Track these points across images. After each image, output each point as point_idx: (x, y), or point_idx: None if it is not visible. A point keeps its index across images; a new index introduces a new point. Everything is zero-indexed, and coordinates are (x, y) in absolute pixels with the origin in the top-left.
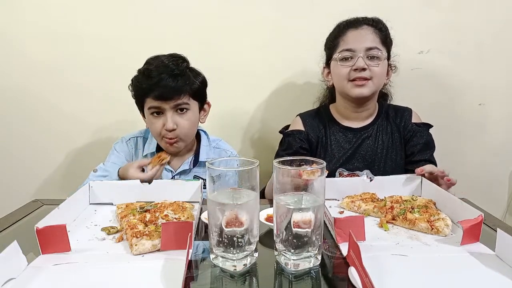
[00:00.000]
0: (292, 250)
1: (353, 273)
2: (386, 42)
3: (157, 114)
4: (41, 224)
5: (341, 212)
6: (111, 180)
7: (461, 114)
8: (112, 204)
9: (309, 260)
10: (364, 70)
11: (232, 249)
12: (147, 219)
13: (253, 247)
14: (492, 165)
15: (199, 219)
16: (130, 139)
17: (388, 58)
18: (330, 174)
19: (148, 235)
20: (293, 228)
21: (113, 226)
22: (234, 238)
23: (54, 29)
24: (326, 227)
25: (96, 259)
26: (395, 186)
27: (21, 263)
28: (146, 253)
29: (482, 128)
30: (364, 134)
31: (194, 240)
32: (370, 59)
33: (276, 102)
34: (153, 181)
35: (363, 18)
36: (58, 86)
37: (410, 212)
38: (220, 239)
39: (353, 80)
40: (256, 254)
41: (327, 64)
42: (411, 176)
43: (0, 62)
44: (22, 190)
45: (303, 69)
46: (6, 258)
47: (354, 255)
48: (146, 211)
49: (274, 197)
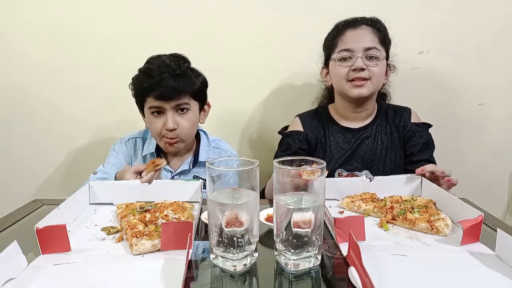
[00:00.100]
0: (292, 250)
1: (353, 273)
2: (385, 42)
3: (157, 113)
4: (41, 224)
5: (341, 212)
6: None
7: (461, 114)
8: (112, 204)
9: (309, 260)
10: (362, 70)
11: (232, 249)
12: (147, 219)
13: (253, 247)
14: (492, 165)
15: (199, 219)
16: (129, 140)
17: (386, 58)
18: (329, 175)
19: (148, 235)
20: (293, 228)
21: (113, 226)
22: (234, 238)
23: (54, 29)
24: (326, 227)
25: (96, 259)
26: (395, 186)
27: (21, 263)
28: (146, 253)
29: (482, 128)
30: (363, 134)
31: (194, 240)
32: (368, 59)
33: (276, 102)
34: (153, 181)
35: (362, 18)
36: (58, 86)
37: (410, 212)
38: (220, 239)
39: (352, 80)
40: (256, 254)
41: (326, 64)
42: (411, 176)
43: (0, 62)
44: (22, 190)
45: (303, 69)
46: (6, 258)
47: (354, 255)
48: (146, 211)
49: (274, 197)
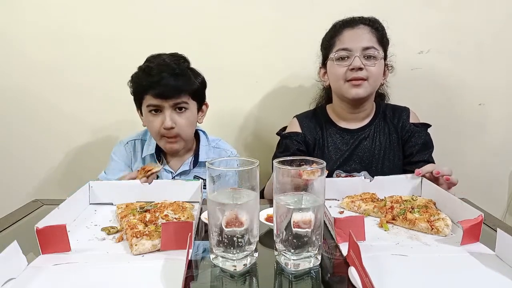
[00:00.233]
0: (292, 250)
1: (353, 273)
2: (383, 41)
3: (155, 112)
4: (41, 224)
5: (341, 212)
6: None
7: (461, 114)
8: (112, 204)
9: (309, 260)
10: (360, 69)
11: (232, 249)
12: (147, 219)
13: (253, 247)
14: (492, 165)
15: (199, 219)
16: (128, 143)
17: (384, 58)
18: (327, 176)
19: (148, 235)
20: (293, 228)
21: (113, 226)
22: (234, 238)
23: (54, 29)
24: (326, 227)
25: (96, 259)
26: (395, 186)
27: (21, 263)
28: (146, 253)
29: (482, 128)
30: (361, 135)
31: (194, 240)
32: (366, 59)
33: (276, 102)
34: (153, 181)
35: (360, 17)
36: (58, 86)
37: (410, 212)
38: (220, 239)
39: (350, 80)
40: (256, 254)
41: (323, 64)
42: (411, 176)
43: (0, 62)
44: (22, 190)
45: (303, 69)
46: (6, 258)
47: (354, 255)
48: (146, 211)
49: (274, 197)
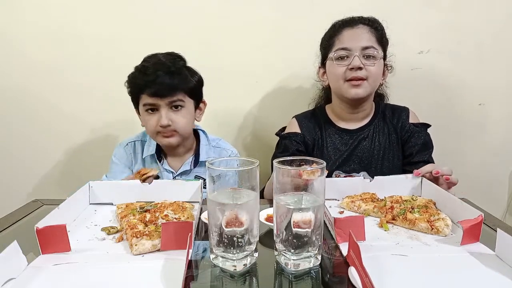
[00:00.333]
0: (292, 250)
1: (353, 273)
2: (382, 41)
3: (151, 111)
4: (41, 224)
5: (341, 212)
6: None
7: (461, 114)
8: (112, 204)
9: (309, 260)
10: (360, 69)
11: (232, 249)
12: (147, 219)
13: (253, 247)
14: (492, 165)
15: (199, 219)
16: (127, 144)
17: (384, 58)
18: (326, 177)
19: (148, 235)
20: (293, 228)
21: (113, 226)
22: (234, 238)
23: (54, 29)
24: (326, 227)
25: (96, 259)
26: (395, 186)
27: (21, 263)
28: (146, 253)
29: (482, 128)
30: (360, 135)
31: (194, 240)
32: (366, 58)
33: (276, 102)
34: (153, 181)
35: (359, 17)
36: (58, 86)
37: (410, 212)
38: (220, 239)
39: (349, 80)
40: (256, 254)
41: (323, 64)
42: (411, 176)
43: (0, 62)
44: (22, 190)
45: (303, 69)
46: (6, 258)
47: (354, 255)
48: (146, 211)
49: (274, 197)
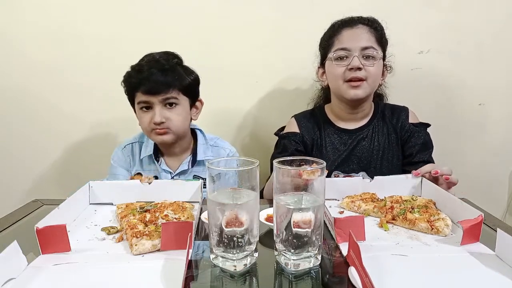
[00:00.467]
0: (292, 250)
1: (353, 273)
2: (382, 41)
3: (146, 109)
4: (41, 224)
5: (341, 212)
6: None
7: (461, 114)
8: (112, 204)
9: (309, 260)
10: (359, 69)
11: (232, 249)
12: (147, 219)
13: (253, 247)
14: (492, 165)
15: (199, 219)
16: (125, 147)
17: (383, 58)
18: (326, 177)
19: (148, 235)
20: (293, 228)
21: (113, 226)
22: (234, 238)
23: (54, 29)
24: (326, 227)
25: (96, 259)
26: (395, 186)
27: (21, 263)
28: (146, 253)
29: (482, 128)
30: (359, 135)
31: (194, 240)
32: (365, 59)
33: (276, 102)
34: (153, 181)
35: (358, 17)
36: (58, 86)
37: (410, 212)
38: (220, 239)
39: (348, 80)
40: (256, 254)
41: (322, 64)
42: (411, 176)
43: (0, 62)
44: (22, 190)
45: (303, 69)
46: (6, 258)
47: (354, 255)
48: (146, 211)
49: (274, 197)
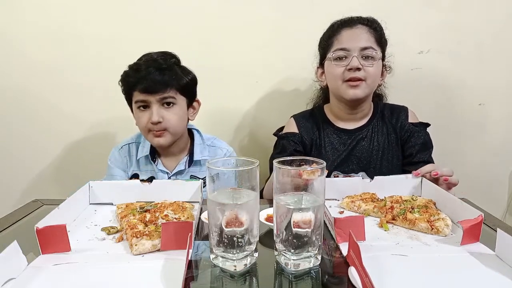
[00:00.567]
0: (292, 250)
1: (353, 273)
2: (381, 42)
3: (143, 108)
4: (41, 224)
5: (341, 212)
6: None
7: (461, 114)
8: (112, 204)
9: (309, 260)
10: (358, 70)
11: (232, 249)
12: (147, 219)
13: (253, 247)
14: (492, 165)
15: (199, 219)
16: (122, 147)
17: (382, 59)
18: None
19: (148, 235)
20: (293, 228)
21: (113, 226)
22: (234, 238)
23: (54, 29)
24: (326, 227)
25: (96, 259)
26: (395, 186)
27: (21, 263)
28: (146, 253)
29: (482, 128)
30: (359, 135)
31: (194, 240)
32: (364, 59)
33: (276, 102)
34: (153, 181)
35: (358, 17)
36: (58, 86)
37: (410, 212)
38: (220, 239)
39: (347, 80)
40: (256, 254)
41: (321, 64)
42: (411, 176)
43: (0, 62)
44: (22, 190)
45: (303, 69)
46: (6, 258)
47: (354, 255)
48: (146, 211)
49: (274, 197)
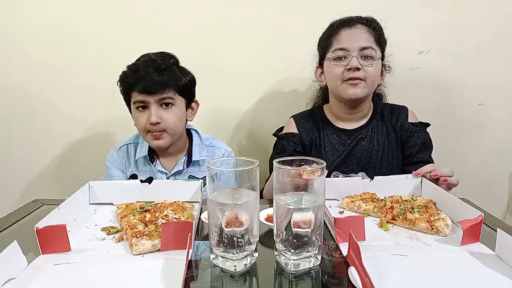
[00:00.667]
0: (292, 250)
1: (353, 273)
2: (380, 41)
3: (142, 108)
4: (41, 224)
5: (341, 212)
6: None
7: (461, 114)
8: (112, 204)
9: (309, 260)
10: (358, 69)
11: (232, 249)
12: (147, 219)
13: (253, 247)
14: (492, 165)
15: (199, 219)
16: (120, 148)
17: (382, 58)
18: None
19: (148, 235)
20: (293, 228)
21: (113, 226)
22: (234, 238)
23: (54, 29)
24: (326, 227)
25: (96, 259)
26: (395, 186)
27: (21, 263)
28: (146, 253)
29: (482, 128)
30: (358, 135)
31: (194, 240)
32: (364, 59)
33: (276, 102)
34: (153, 181)
35: (357, 17)
36: (58, 86)
37: (410, 212)
38: (220, 239)
39: (347, 80)
40: (256, 254)
41: (320, 64)
42: (411, 176)
43: (0, 62)
44: (22, 190)
45: (303, 69)
46: (6, 258)
47: (354, 255)
48: (146, 211)
49: (274, 197)
